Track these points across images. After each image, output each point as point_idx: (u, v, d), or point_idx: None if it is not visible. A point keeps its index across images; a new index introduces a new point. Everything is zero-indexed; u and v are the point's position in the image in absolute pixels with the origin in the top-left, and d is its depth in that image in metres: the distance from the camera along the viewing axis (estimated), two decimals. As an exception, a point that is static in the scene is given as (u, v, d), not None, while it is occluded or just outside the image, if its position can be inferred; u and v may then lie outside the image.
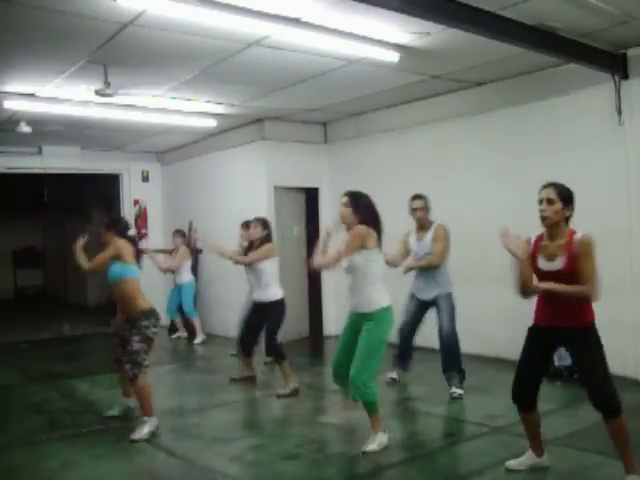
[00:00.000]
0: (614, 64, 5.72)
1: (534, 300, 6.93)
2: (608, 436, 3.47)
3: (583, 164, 6.10)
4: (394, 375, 6.07)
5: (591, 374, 3.45)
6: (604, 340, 3.50)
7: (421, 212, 5.75)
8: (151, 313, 4.79)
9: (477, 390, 5.65)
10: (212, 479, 4.00)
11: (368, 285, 4.29)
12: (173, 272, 9.26)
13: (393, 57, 5.61)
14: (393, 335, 6.42)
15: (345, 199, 4.39)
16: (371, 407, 4.31)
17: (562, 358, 5.99)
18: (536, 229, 3.85)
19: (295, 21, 4.81)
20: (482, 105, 7.09)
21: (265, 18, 4.64)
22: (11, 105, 6.89)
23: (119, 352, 4.95)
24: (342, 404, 4.63)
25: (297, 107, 8.07)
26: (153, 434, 4.70)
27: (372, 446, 4.25)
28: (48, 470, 4.16)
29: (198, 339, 9.13)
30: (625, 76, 5.79)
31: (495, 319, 6.75)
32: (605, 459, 3.66)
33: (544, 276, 3.49)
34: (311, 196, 9.30)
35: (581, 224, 3.57)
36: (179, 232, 9.46)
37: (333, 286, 9.14)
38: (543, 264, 3.50)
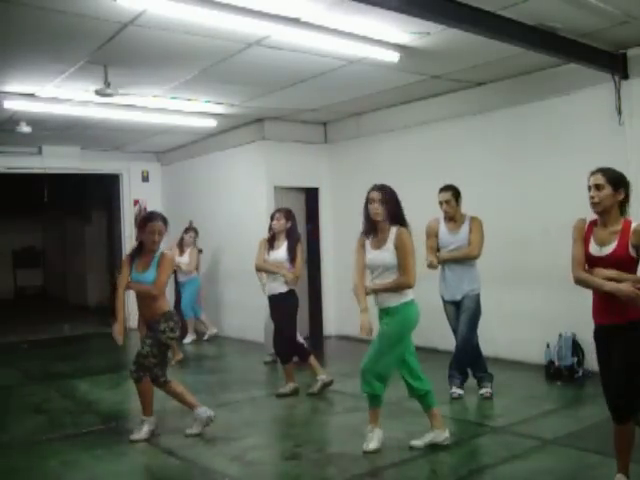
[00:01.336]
0: (614, 64, 5.73)
1: (534, 300, 6.93)
2: (608, 436, 3.45)
3: (583, 164, 6.03)
4: (459, 390, 5.55)
5: (615, 372, 3.28)
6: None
7: (447, 205, 5.50)
8: (170, 316, 4.70)
9: (477, 390, 5.64)
10: (212, 479, 4.00)
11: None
12: (189, 272, 9.03)
13: (393, 57, 5.61)
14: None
15: (377, 194, 4.21)
16: (374, 400, 4.29)
17: (562, 358, 6.00)
18: (539, 230, 3.84)
19: (295, 21, 4.81)
20: (482, 105, 7.09)
21: (265, 18, 4.64)
22: (11, 105, 6.89)
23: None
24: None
25: (297, 107, 8.07)
26: (152, 434, 4.70)
27: (373, 444, 4.23)
28: (48, 470, 4.16)
29: (187, 339, 9.04)
30: (625, 76, 5.79)
31: (495, 319, 6.75)
32: (605, 459, 3.65)
33: (593, 261, 3.34)
34: (311, 196, 9.30)
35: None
36: (193, 230, 9.28)
37: (333, 286, 9.15)
38: (594, 249, 3.35)
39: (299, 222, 9.15)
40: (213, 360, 8.20)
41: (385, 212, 4.18)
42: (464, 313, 5.46)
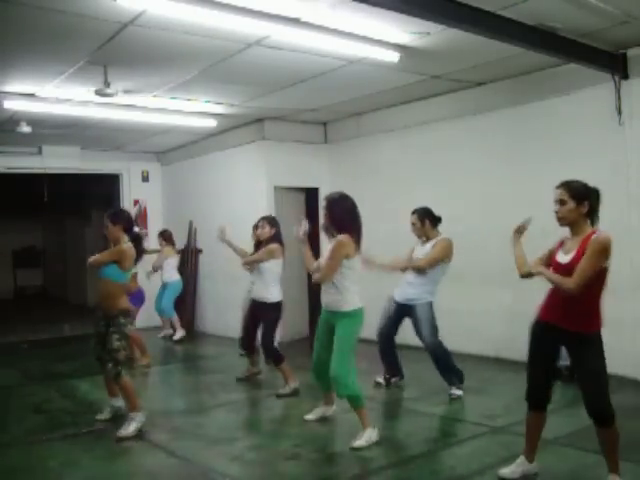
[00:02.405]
0: (614, 64, 5.73)
1: (533, 300, 6.91)
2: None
3: (583, 164, 6.09)
4: (380, 379, 6.06)
5: (588, 383, 3.42)
6: (604, 339, 3.49)
7: (413, 227, 5.80)
8: (128, 313, 4.90)
9: (477, 390, 5.65)
10: (212, 479, 4.00)
11: (345, 287, 4.46)
12: (155, 270, 9.25)
13: (393, 57, 5.61)
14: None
15: (323, 202, 4.62)
16: (357, 401, 4.42)
17: (562, 358, 5.99)
18: (539, 230, 3.87)
19: (295, 21, 4.81)
20: (482, 105, 7.09)
21: (265, 18, 4.64)
22: (11, 105, 6.89)
23: (98, 350, 4.92)
24: (324, 399, 4.95)
25: (297, 107, 8.07)
26: (140, 430, 4.71)
27: (360, 442, 4.31)
28: (48, 470, 4.16)
29: (177, 335, 9.18)
30: (625, 76, 5.79)
31: (495, 319, 6.75)
32: (604, 459, 3.65)
33: (558, 269, 3.46)
34: (311, 196, 9.30)
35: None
36: (166, 232, 9.52)
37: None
38: (560, 257, 3.51)
39: (299, 222, 9.17)
40: (213, 360, 8.20)
41: (326, 219, 4.57)
42: (421, 322, 5.60)
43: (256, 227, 6.18)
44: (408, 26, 4.98)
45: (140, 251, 5.12)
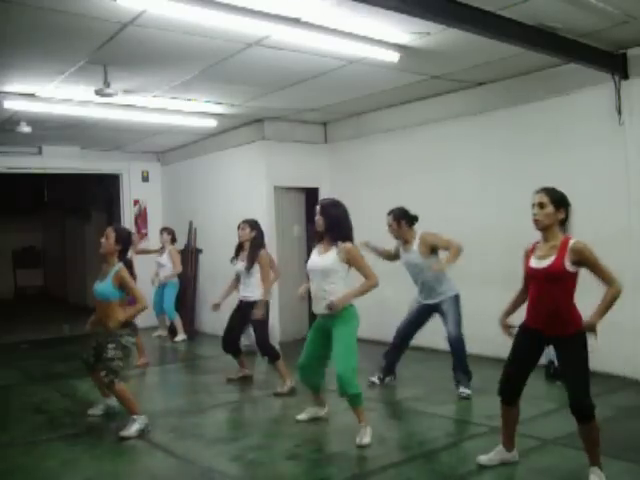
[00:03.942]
0: (614, 64, 5.73)
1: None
2: (608, 436, 3.47)
3: (583, 164, 6.10)
4: (375, 379, 6.06)
5: (571, 379, 3.54)
6: (604, 340, 3.52)
7: (389, 228, 5.76)
8: (127, 324, 4.86)
9: (477, 390, 5.64)
10: (212, 479, 4.00)
11: (339, 288, 4.48)
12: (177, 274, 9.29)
13: (393, 57, 5.61)
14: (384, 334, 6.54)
15: (318, 208, 4.59)
16: (358, 400, 4.48)
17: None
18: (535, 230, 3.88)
19: (295, 21, 4.82)
20: (482, 105, 7.09)
21: (265, 18, 4.64)
22: (11, 105, 6.88)
23: (90, 354, 5.01)
24: (315, 401, 4.99)
25: (297, 107, 8.07)
26: (143, 432, 4.72)
27: (366, 439, 4.39)
28: (48, 470, 4.16)
29: (179, 337, 9.23)
30: (625, 76, 5.79)
31: (495, 319, 6.73)
32: (605, 459, 3.65)
33: (531, 274, 3.66)
34: (311, 196, 9.30)
35: (581, 224, 3.58)
36: (167, 230, 9.48)
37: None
38: (534, 262, 3.65)
39: (299, 222, 9.21)
40: (212, 360, 8.20)
41: (324, 224, 4.52)
42: (448, 317, 5.63)
43: (237, 228, 6.41)
44: (408, 26, 4.98)
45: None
